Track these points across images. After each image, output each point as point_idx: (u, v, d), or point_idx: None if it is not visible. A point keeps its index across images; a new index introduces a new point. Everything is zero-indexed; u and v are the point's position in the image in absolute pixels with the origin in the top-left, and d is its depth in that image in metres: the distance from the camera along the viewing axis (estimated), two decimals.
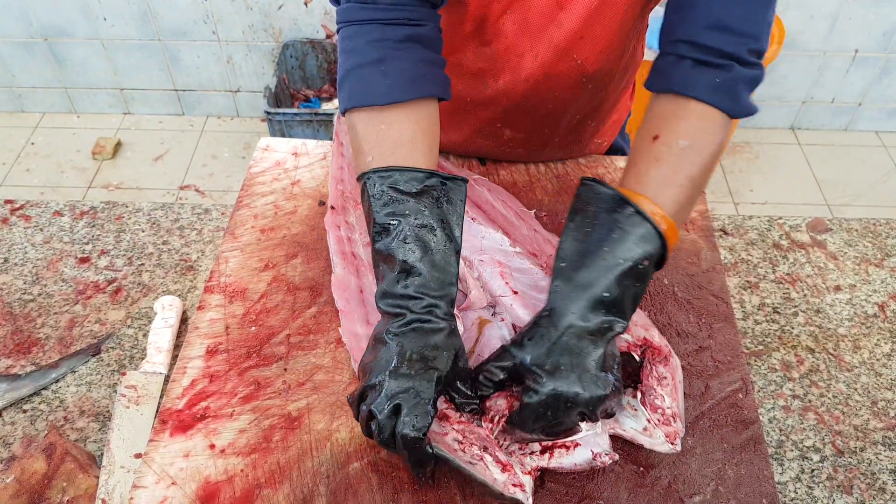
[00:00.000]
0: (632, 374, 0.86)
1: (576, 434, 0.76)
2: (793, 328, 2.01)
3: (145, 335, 1.95)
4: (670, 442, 0.79)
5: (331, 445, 0.83)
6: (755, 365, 1.92)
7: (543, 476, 0.80)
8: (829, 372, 1.91)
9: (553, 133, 1.12)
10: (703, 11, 0.81)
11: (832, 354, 1.95)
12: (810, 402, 1.85)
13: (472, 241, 0.98)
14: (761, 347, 1.97)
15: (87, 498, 1.56)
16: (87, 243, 2.22)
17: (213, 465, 0.81)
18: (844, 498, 1.66)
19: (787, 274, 2.16)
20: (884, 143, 2.77)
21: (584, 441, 0.76)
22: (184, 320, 1.98)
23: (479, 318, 0.92)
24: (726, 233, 2.26)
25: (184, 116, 2.85)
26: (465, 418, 0.78)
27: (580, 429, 0.76)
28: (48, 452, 1.61)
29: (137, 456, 1.62)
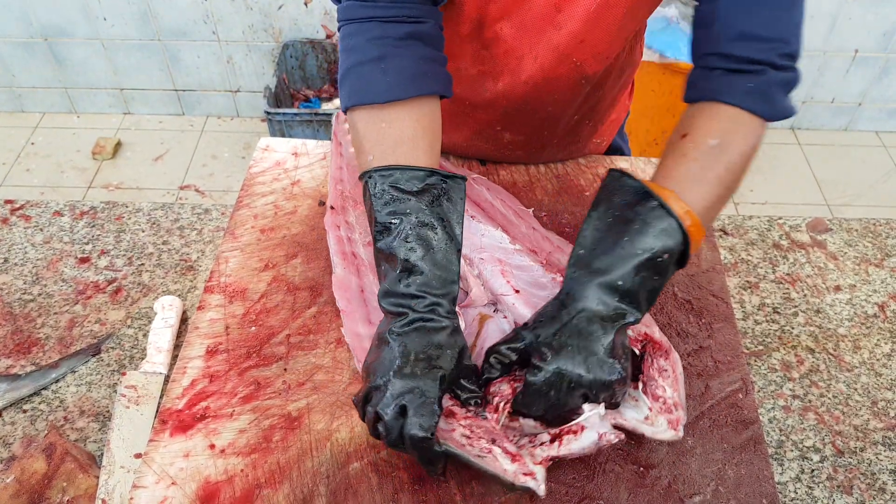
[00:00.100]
0: (633, 368, 0.85)
1: (579, 416, 0.76)
2: (793, 328, 2.01)
3: (145, 335, 1.95)
4: (673, 428, 0.78)
5: (331, 445, 0.83)
6: (755, 365, 1.92)
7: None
8: (829, 372, 1.91)
9: (552, 135, 1.12)
10: (727, 23, 0.80)
11: (832, 354, 1.95)
12: (810, 402, 1.85)
13: (471, 239, 0.98)
14: (761, 347, 1.97)
15: (87, 498, 1.56)
16: (87, 243, 2.22)
17: (213, 465, 0.81)
18: (844, 498, 1.66)
19: (787, 274, 2.16)
20: (884, 143, 2.77)
21: (590, 424, 0.76)
22: (184, 320, 1.98)
23: (480, 314, 0.92)
24: (726, 233, 2.26)
25: (184, 116, 2.85)
26: (470, 413, 0.78)
27: (583, 410, 0.75)
28: (48, 452, 1.61)
29: (137, 456, 1.62)
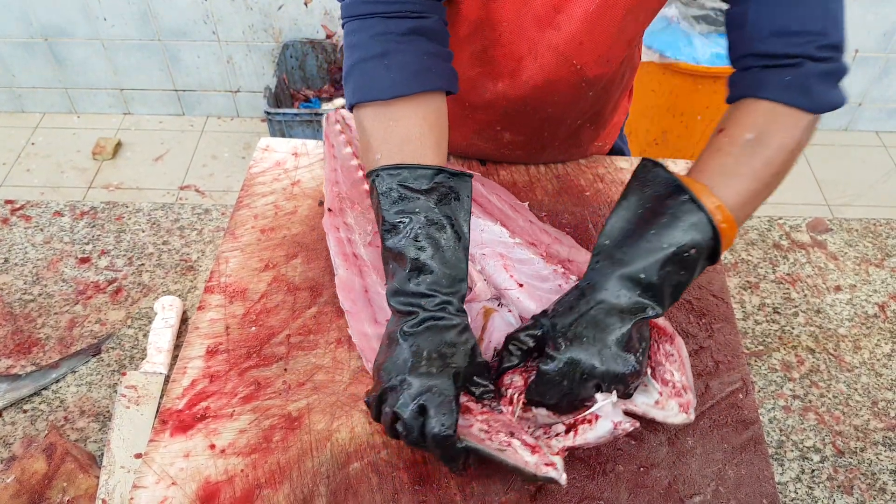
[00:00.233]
0: None
1: (592, 406, 0.76)
2: (793, 328, 2.01)
3: (145, 335, 1.95)
4: (684, 411, 0.78)
5: (331, 446, 0.83)
6: (755, 365, 1.92)
7: None
8: (829, 372, 1.91)
9: (553, 137, 1.12)
10: (759, 22, 0.79)
11: (832, 355, 1.95)
12: (810, 402, 1.85)
13: (472, 235, 0.98)
14: (761, 347, 1.97)
15: (88, 498, 1.56)
16: (88, 243, 2.22)
17: (214, 465, 0.81)
18: (845, 498, 1.66)
19: (788, 274, 2.16)
20: (884, 143, 2.77)
21: (604, 412, 0.76)
22: (184, 320, 1.98)
23: (484, 308, 0.92)
24: None
25: (184, 116, 2.85)
26: (486, 408, 0.78)
27: (596, 400, 0.75)
28: (48, 452, 1.61)
29: (137, 456, 1.62)
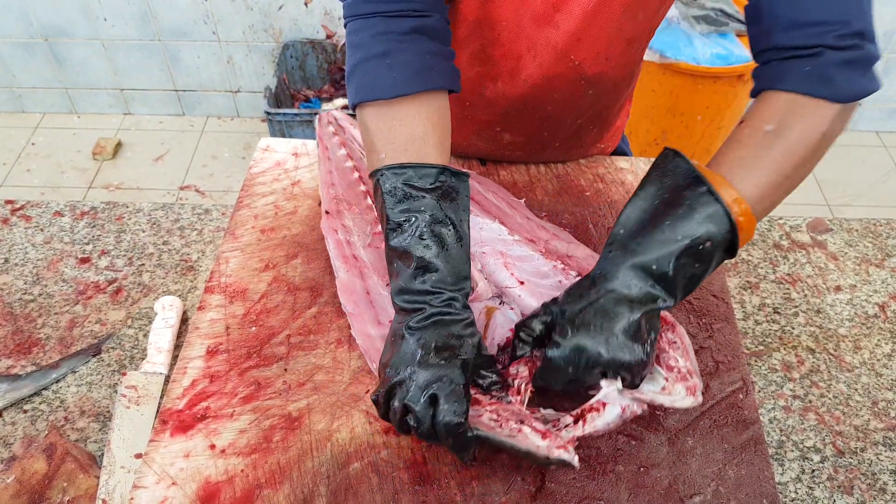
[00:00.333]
0: None
1: (598, 393, 0.76)
2: (793, 328, 2.01)
3: (146, 335, 1.95)
4: (691, 394, 0.78)
5: (331, 446, 0.83)
6: (755, 365, 1.92)
7: (543, 477, 0.80)
8: (829, 372, 1.91)
9: (553, 137, 1.11)
10: (775, 16, 0.79)
11: (833, 355, 1.95)
12: (811, 402, 1.85)
13: (471, 233, 0.98)
14: (762, 348, 1.97)
15: (88, 498, 1.56)
16: (88, 243, 2.22)
17: (214, 465, 0.81)
18: (845, 498, 1.66)
19: (788, 274, 2.16)
20: (884, 143, 2.77)
21: (610, 399, 0.76)
22: (184, 320, 1.99)
23: (486, 307, 0.93)
24: None
25: (184, 117, 2.85)
26: (494, 399, 0.78)
27: (601, 386, 0.75)
28: (49, 452, 1.61)
29: (138, 456, 1.62)
